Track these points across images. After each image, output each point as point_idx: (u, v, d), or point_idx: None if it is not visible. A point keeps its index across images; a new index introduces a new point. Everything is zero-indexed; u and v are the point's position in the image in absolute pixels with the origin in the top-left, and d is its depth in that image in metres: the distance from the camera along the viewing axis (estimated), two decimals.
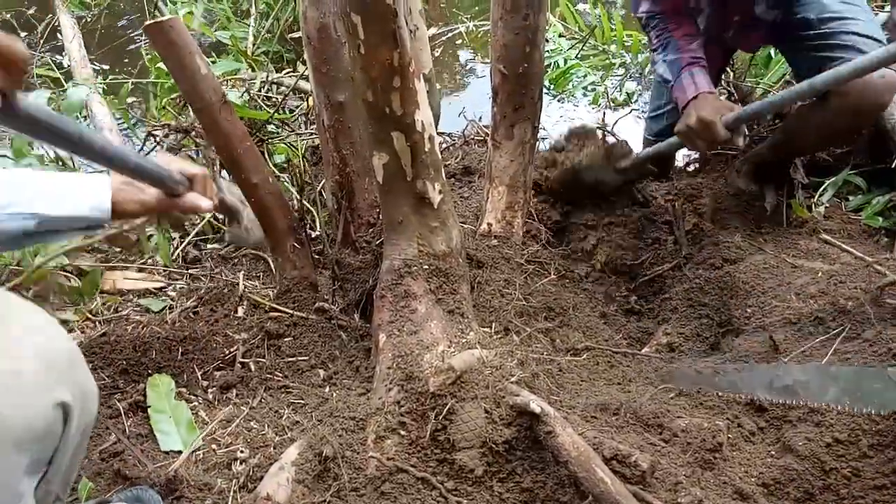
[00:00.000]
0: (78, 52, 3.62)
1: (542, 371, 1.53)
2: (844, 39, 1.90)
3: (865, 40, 1.88)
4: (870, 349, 1.47)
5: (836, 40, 1.91)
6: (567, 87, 3.82)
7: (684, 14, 2.07)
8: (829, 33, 1.94)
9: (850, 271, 1.73)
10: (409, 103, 1.40)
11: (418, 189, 1.50)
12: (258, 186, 1.74)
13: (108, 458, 1.34)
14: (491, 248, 1.89)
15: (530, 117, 1.89)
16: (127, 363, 1.64)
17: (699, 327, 1.85)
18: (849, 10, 1.95)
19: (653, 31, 2.10)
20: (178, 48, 1.54)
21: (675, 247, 2.16)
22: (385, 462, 1.31)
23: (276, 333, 1.74)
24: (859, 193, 2.36)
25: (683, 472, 1.30)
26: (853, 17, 1.94)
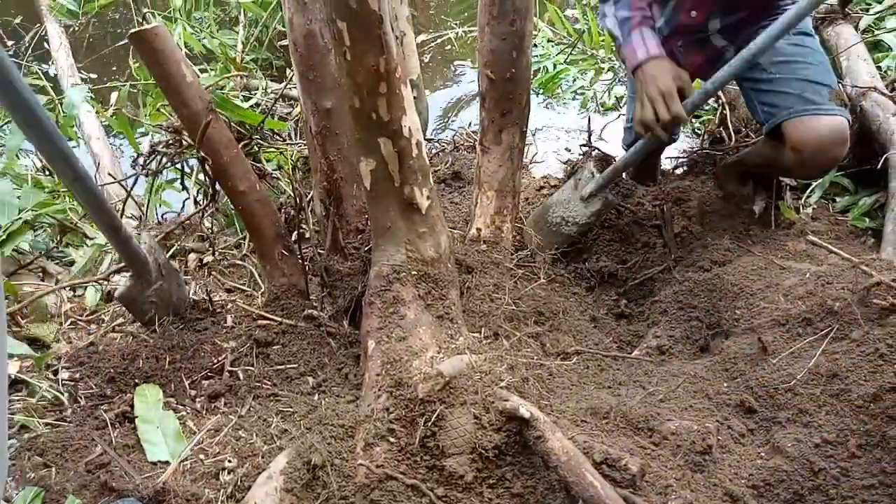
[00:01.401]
0: (65, 61, 3.61)
1: (532, 376, 1.53)
2: (793, 87, 1.90)
3: (815, 86, 1.89)
4: (857, 349, 1.47)
5: (786, 88, 1.92)
6: (556, 92, 3.83)
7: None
8: (779, 79, 1.94)
9: (838, 272, 1.74)
10: (395, 109, 1.40)
11: (406, 195, 1.50)
12: (245, 194, 1.73)
13: (94, 470, 1.33)
14: (480, 252, 1.89)
15: (518, 122, 1.89)
16: (114, 372, 1.63)
17: (689, 330, 1.85)
18: (800, 54, 1.95)
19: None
20: (163, 56, 1.53)
21: (664, 250, 2.17)
22: (374, 469, 1.30)
23: (265, 341, 1.73)
24: (846, 195, 2.38)
25: (674, 475, 1.30)
26: (804, 61, 1.93)
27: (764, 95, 1.98)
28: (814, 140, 1.85)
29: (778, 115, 1.93)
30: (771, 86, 1.96)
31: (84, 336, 1.91)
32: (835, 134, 1.84)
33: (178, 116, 1.69)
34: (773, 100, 1.95)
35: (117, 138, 3.58)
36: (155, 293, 1.74)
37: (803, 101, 1.88)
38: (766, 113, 1.97)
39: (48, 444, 1.40)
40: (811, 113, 1.86)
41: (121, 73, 4.07)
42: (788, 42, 1.96)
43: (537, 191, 2.45)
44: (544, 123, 3.62)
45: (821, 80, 1.90)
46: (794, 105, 1.89)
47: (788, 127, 1.90)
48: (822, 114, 1.85)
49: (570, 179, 2.12)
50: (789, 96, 1.91)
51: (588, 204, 2.05)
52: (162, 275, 1.76)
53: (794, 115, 1.89)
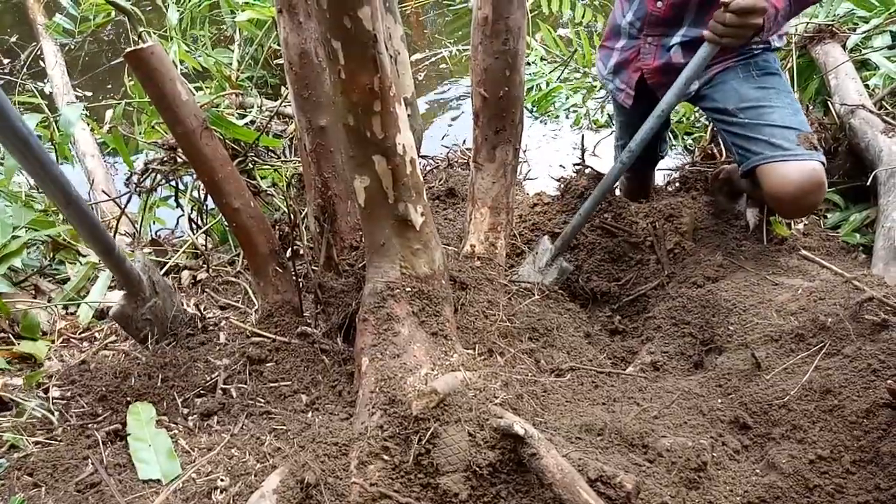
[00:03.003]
0: (61, 79, 3.62)
1: (527, 392, 1.53)
2: (762, 132, 1.92)
3: (782, 131, 1.90)
4: (850, 365, 1.48)
5: (755, 133, 1.94)
6: (549, 109, 3.87)
7: None
8: (747, 124, 1.96)
9: (830, 288, 1.75)
10: (389, 127, 1.41)
11: (400, 212, 1.50)
12: (239, 211, 1.73)
13: (85, 490, 1.31)
14: (474, 269, 1.90)
15: (511, 140, 1.90)
16: (106, 390, 1.61)
17: (682, 345, 1.85)
18: (765, 97, 1.96)
19: None
20: (158, 75, 1.54)
21: (657, 266, 2.18)
22: (368, 488, 1.29)
23: (259, 359, 1.72)
24: (837, 211, 2.40)
25: (668, 493, 1.30)
26: (770, 104, 1.95)
27: (735, 138, 2.01)
28: (788, 189, 1.86)
29: (751, 160, 1.95)
30: (741, 130, 1.98)
31: (76, 354, 1.90)
32: (809, 182, 1.85)
33: (172, 134, 1.69)
34: (744, 144, 1.97)
35: (112, 156, 3.58)
36: (149, 310, 1.74)
37: (772, 147, 1.90)
38: (741, 155, 2.00)
39: (38, 464, 1.38)
40: (780, 160, 1.88)
41: (116, 90, 4.08)
42: (753, 86, 1.99)
43: (531, 208, 2.46)
44: (538, 141, 3.65)
45: (787, 123, 1.91)
46: (764, 151, 1.91)
47: (762, 173, 1.92)
48: (794, 160, 1.86)
49: (529, 255, 2.17)
50: (758, 142, 1.93)
51: (545, 274, 2.09)
52: (156, 292, 1.76)
53: (765, 161, 1.90)
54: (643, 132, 1.92)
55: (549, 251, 2.09)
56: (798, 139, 1.88)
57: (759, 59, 2.03)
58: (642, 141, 1.93)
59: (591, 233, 2.25)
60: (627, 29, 2.14)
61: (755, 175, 1.96)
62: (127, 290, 1.70)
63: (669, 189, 2.70)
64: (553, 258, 2.08)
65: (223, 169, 1.69)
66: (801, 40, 2.87)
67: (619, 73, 2.25)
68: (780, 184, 1.87)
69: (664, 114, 1.90)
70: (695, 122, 3.40)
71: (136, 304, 1.71)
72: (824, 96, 2.69)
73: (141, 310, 1.73)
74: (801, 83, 2.82)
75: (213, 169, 1.67)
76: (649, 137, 1.93)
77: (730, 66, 2.03)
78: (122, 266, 1.63)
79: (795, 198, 1.86)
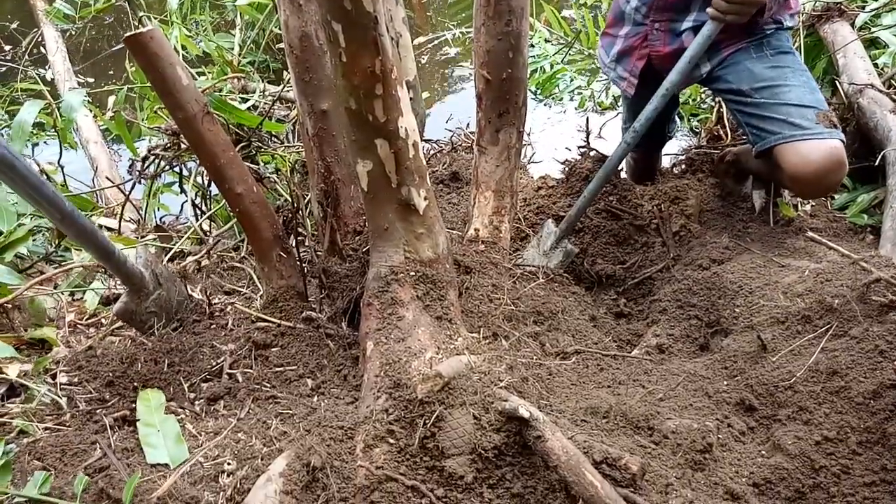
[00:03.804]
0: (62, 65, 3.61)
1: (532, 375, 1.53)
2: (779, 112, 1.89)
3: (800, 109, 1.87)
4: (857, 346, 1.47)
5: (772, 113, 1.90)
6: (553, 92, 3.84)
7: None
8: (763, 104, 1.92)
9: (837, 269, 1.74)
10: (391, 110, 1.39)
11: (403, 196, 1.50)
12: (243, 196, 1.73)
13: (94, 474, 1.32)
14: (478, 253, 1.89)
15: (515, 122, 1.89)
16: (113, 376, 1.62)
17: (688, 328, 1.85)
18: (781, 76, 1.93)
19: None
20: (158, 59, 1.53)
21: (662, 249, 2.17)
22: (374, 471, 1.30)
23: (264, 343, 1.73)
24: (844, 191, 2.38)
25: (674, 474, 1.30)
26: (786, 83, 1.91)
27: (750, 118, 1.97)
28: (809, 168, 1.83)
29: (767, 140, 1.92)
30: (756, 109, 1.94)
31: (83, 340, 1.91)
32: (830, 160, 1.82)
33: (173, 119, 1.69)
34: (760, 124, 1.93)
35: (115, 142, 3.58)
36: (154, 303, 1.75)
37: (791, 126, 1.86)
38: (755, 136, 1.97)
39: (47, 449, 1.39)
40: (800, 139, 1.85)
41: (118, 76, 4.07)
42: (767, 65, 1.95)
43: (535, 191, 2.44)
44: (542, 124, 3.62)
45: (806, 102, 1.88)
46: (783, 130, 1.87)
47: (780, 152, 1.89)
48: (813, 139, 1.83)
49: (534, 238, 2.16)
50: (775, 121, 1.89)
51: (550, 258, 2.08)
52: (160, 283, 1.77)
53: (784, 141, 1.87)
54: (647, 112, 1.90)
55: (554, 234, 2.08)
56: (817, 117, 1.85)
57: (772, 38, 2.00)
58: (647, 121, 1.91)
59: (596, 216, 2.24)
60: (632, 14, 2.11)
61: (771, 156, 1.93)
62: (130, 289, 1.71)
63: (675, 171, 2.68)
64: (558, 241, 2.07)
65: (225, 154, 1.68)
66: (808, 19, 2.83)
67: (622, 61, 2.22)
68: (801, 163, 1.84)
69: (668, 93, 1.88)
70: (700, 104, 3.37)
71: (140, 299, 1.72)
72: (832, 76, 2.66)
73: (145, 304, 1.73)
74: (808, 62, 2.79)
75: (216, 154, 1.67)
76: (654, 118, 1.91)
77: (742, 47, 1.99)
78: (123, 268, 1.64)
79: (817, 177, 1.84)
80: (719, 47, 1.98)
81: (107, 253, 1.57)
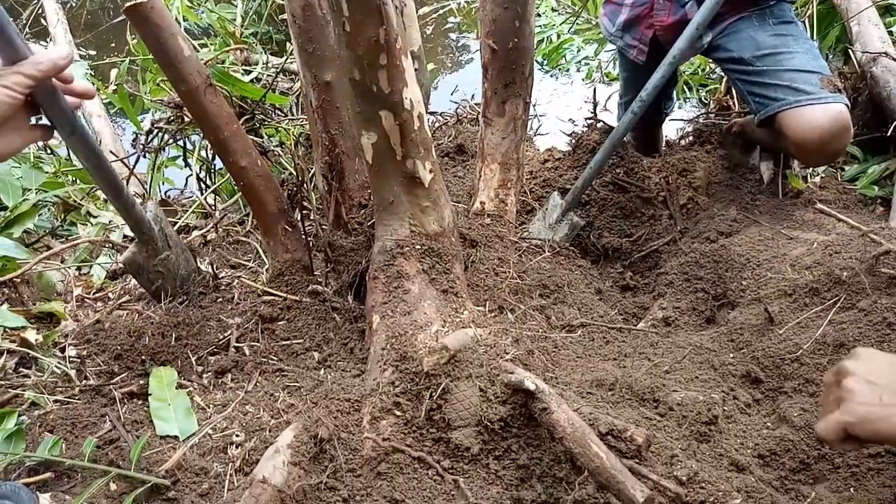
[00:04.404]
0: (63, 38, 3.57)
1: (537, 348, 1.53)
2: (783, 78, 1.87)
3: (804, 75, 1.85)
4: (865, 318, 1.46)
5: (775, 79, 1.88)
6: (560, 62, 3.78)
7: None
8: (766, 71, 1.90)
9: (846, 241, 1.72)
10: (396, 81, 1.37)
11: (408, 168, 1.48)
12: (247, 169, 1.72)
13: (104, 446, 1.34)
14: (484, 226, 1.88)
15: (521, 93, 1.86)
16: (121, 349, 1.63)
17: (695, 301, 1.84)
18: (783, 44, 1.91)
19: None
20: (159, 30, 1.51)
21: (669, 221, 2.15)
22: (381, 443, 1.31)
23: (270, 317, 1.73)
24: (855, 163, 2.35)
25: (679, 446, 1.31)
26: (789, 50, 1.89)
27: (753, 87, 1.95)
28: (814, 134, 1.81)
29: (770, 107, 1.90)
30: (758, 77, 1.92)
31: (90, 314, 1.92)
32: (835, 124, 1.80)
33: (176, 92, 1.67)
34: (763, 91, 1.91)
35: (119, 116, 3.56)
36: (161, 263, 1.74)
37: (794, 91, 1.85)
38: (758, 104, 1.95)
39: (58, 421, 1.41)
40: (805, 104, 1.83)
41: (119, 49, 4.03)
42: (770, 33, 1.93)
43: (541, 163, 2.42)
44: (548, 95, 3.58)
45: (809, 67, 1.86)
46: (787, 96, 1.85)
47: (784, 119, 1.87)
48: (818, 103, 1.81)
49: (540, 211, 2.14)
50: (779, 88, 1.87)
51: (556, 230, 2.06)
52: (169, 246, 1.76)
53: (787, 107, 1.85)
54: (654, 80, 1.87)
55: (560, 207, 2.06)
56: (821, 82, 1.83)
57: (775, 8, 1.97)
58: (654, 89, 1.88)
59: (603, 188, 2.22)
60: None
61: (774, 124, 1.91)
62: (138, 237, 1.69)
63: (683, 143, 2.65)
64: (564, 214, 2.06)
65: (229, 127, 1.67)
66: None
67: (630, 29, 2.18)
68: (806, 129, 1.82)
69: (676, 61, 1.85)
70: (709, 74, 3.31)
71: (148, 253, 1.71)
72: (845, 44, 2.61)
73: (153, 261, 1.73)
74: (821, 31, 2.73)
75: (219, 127, 1.65)
76: (661, 86, 1.88)
77: (744, 16, 1.96)
78: (132, 210, 1.61)
79: (822, 142, 1.82)
80: (722, 16, 1.95)
81: (116, 188, 1.53)
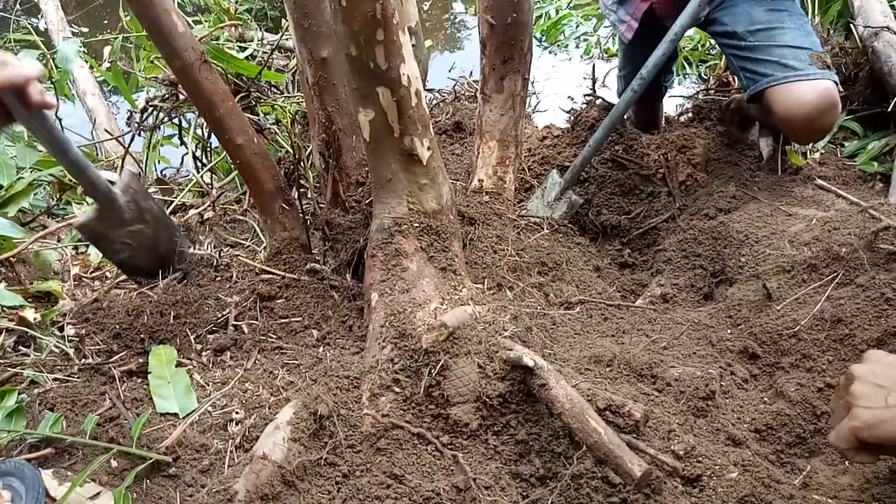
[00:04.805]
0: (55, 14, 3.52)
1: (536, 325, 1.53)
2: (773, 54, 1.86)
3: (794, 51, 1.84)
4: (863, 294, 1.47)
5: (765, 55, 1.87)
6: (559, 38, 3.74)
7: None
8: (757, 46, 1.89)
9: (845, 217, 1.72)
10: (393, 57, 1.36)
11: (406, 146, 1.47)
12: (243, 147, 1.71)
13: (104, 423, 1.35)
14: (482, 204, 1.88)
15: (520, 69, 1.84)
16: (119, 328, 1.63)
17: (693, 278, 1.84)
18: (777, 20, 1.89)
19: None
20: (152, 6, 1.48)
21: (668, 198, 2.14)
22: (380, 419, 1.31)
23: (268, 295, 1.73)
24: (855, 139, 2.34)
25: (676, 421, 1.32)
26: (781, 26, 1.88)
27: (744, 62, 1.95)
28: (801, 111, 1.81)
29: (760, 82, 1.90)
30: (750, 53, 1.92)
31: (88, 293, 1.91)
32: (823, 101, 1.79)
33: (170, 68, 1.65)
34: (754, 67, 1.91)
35: (113, 94, 3.52)
36: (130, 235, 1.69)
37: (783, 67, 1.84)
38: (748, 79, 1.95)
39: (57, 399, 1.41)
40: (793, 80, 1.82)
41: (113, 26, 3.98)
42: (765, 8, 1.92)
43: (540, 141, 2.41)
44: (547, 71, 3.55)
45: (800, 43, 1.85)
46: (775, 72, 1.85)
47: (772, 95, 1.87)
48: (805, 79, 1.81)
49: (538, 189, 2.13)
50: (768, 63, 1.87)
51: (554, 208, 2.05)
52: (145, 220, 1.72)
53: (775, 83, 1.85)
54: (655, 58, 1.86)
55: (559, 185, 2.05)
56: (811, 58, 1.82)
57: None
58: (654, 67, 1.87)
59: (602, 165, 2.21)
60: None
61: (763, 100, 1.91)
62: (96, 202, 1.62)
63: (682, 119, 2.64)
64: (562, 192, 2.05)
65: (224, 104, 1.65)
66: None
67: (625, 3, 2.15)
68: (793, 105, 1.82)
69: (677, 37, 1.84)
70: (709, 50, 3.28)
71: (109, 221, 1.66)
72: (847, 18, 2.58)
73: (117, 231, 1.68)
74: (822, 5, 2.70)
75: (214, 104, 1.64)
76: (662, 63, 1.87)
77: None
78: (84, 173, 1.53)
79: (809, 119, 1.81)
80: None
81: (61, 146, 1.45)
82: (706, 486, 1.20)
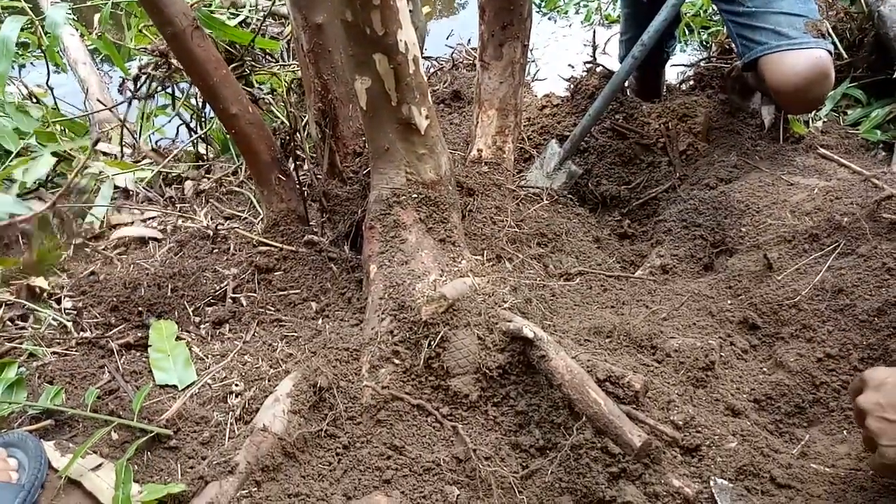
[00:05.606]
0: None
1: (535, 297, 1.53)
2: (768, 21, 1.83)
3: (789, 18, 1.80)
4: (864, 264, 1.46)
5: (761, 22, 1.84)
6: (559, 4, 3.67)
7: None
8: (754, 13, 1.86)
9: (847, 187, 1.70)
10: (390, 22, 1.32)
11: (404, 114, 1.44)
12: (238, 117, 1.67)
13: (103, 396, 1.35)
14: (482, 174, 1.85)
15: (520, 35, 1.80)
16: (117, 300, 1.63)
17: (693, 248, 1.83)
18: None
19: None
20: None
21: (669, 168, 2.12)
22: (380, 391, 1.31)
23: (266, 267, 1.72)
24: (858, 107, 2.30)
25: (676, 391, 1.32)
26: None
27: (741, 29, 1.92)
28: (792, 80, 1.79)
29: (754, 50, 1.87)
30: (747, 20, 1.89)
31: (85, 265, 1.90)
32: (814, 71, 1.77)
33: (162, 36, 1.61)
34: (749, 34, 1.88)
35: (105, 63, 3.46)
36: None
37: (777, 35, 1.81)
38: (744, 46, 1.92)
39: (56, 372, 1.41)
40: (786, 48, 1.80)
41: None
42: None
43: (539, 110, 2.37)
44: (546, 39, 3.49)
45: (796, 10, 1.82)
46: (769, 40, 1.83)
47: (765, 63, 1.85)
48: (797, 48, 1.78)
49: (538, 159, 2.10)
50: (763, 31, 1.84)
51: (554, 179, 2.03)
52: None
53: (769, 51, 1.83)
54: (657, 23, 1.82)
55: (558, 155, 2.03)
56: (805, 26, 1.79)
57: None
58: (656, 32, 1.83)
59: (602, 135, 2.18)
60: None
61: (757, 68, 1.88)
62: None
63: (683, 88, 2.60)
64: (562, 162, 2.03)
65: (218, 72, 1.62)
66: None
67: None
68: (784, 74, 1.79)
69: (679, 2, 1.80)
70: (711, 16, 3.22)
71: None
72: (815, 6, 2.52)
73: None
74: None
75: (207, 72, 1.60)
76: (663, 28, 1.83)
77: None
78: None
79: (798, 89, 1.79)
80: None
81: None
82: (705, 456, 1.21)
